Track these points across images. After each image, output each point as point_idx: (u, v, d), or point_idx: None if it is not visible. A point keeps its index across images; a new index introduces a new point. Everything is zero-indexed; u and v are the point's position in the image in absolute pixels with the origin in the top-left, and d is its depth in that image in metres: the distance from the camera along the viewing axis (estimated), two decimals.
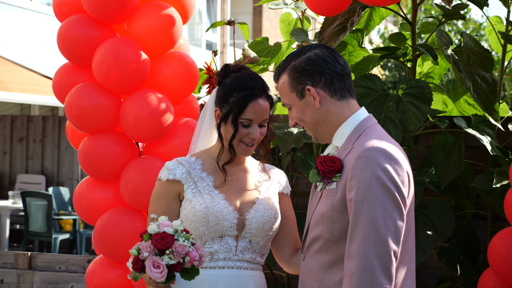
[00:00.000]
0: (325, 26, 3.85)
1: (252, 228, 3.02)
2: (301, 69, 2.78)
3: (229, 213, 2.99)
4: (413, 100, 3.54)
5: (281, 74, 2.85)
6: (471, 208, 3.97)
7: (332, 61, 2.78)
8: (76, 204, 3.87)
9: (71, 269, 4.74)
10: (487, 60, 3.74)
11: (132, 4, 3.71)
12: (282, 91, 2.85)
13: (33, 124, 13.84)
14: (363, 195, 2.56)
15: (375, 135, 2.70)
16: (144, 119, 3.65)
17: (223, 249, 3.00)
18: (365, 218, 2.54)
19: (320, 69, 2.76)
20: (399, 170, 2.60)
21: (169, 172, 3.05)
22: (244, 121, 3.00)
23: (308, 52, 2.80)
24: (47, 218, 11.13)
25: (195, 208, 2.98)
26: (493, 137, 3.69)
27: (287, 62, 2.83)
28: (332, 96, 2.76)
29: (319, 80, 2.75)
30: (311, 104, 2.76)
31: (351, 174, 2.62)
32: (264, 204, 3.08)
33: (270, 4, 4.19)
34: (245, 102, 2.99)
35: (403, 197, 2.59)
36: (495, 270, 3.46)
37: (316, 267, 2.75)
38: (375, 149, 2.61)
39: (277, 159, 4.33)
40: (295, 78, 2.78)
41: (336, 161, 2.71)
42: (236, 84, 3.03)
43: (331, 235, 2.69)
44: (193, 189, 3.03)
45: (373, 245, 2.52)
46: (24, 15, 15.05)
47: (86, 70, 3.80)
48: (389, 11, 3.98)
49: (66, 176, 13.57)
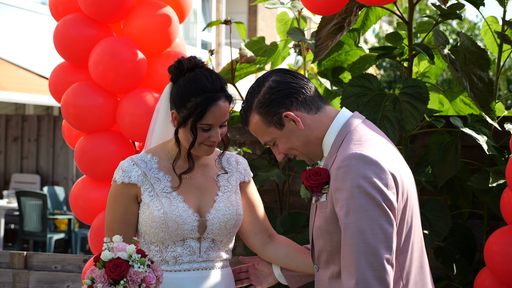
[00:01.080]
0: (322, 26, 3.85)
1: (214, 228, 2.94)
2: (268, 101, 2.67)
3: (188, 216, 2.89)
4: (410, 100, 3.54)
5: (249, 116, 2.73)
6: (467, 207, 3.97)
7: (292, 80, 2.69)
8: (73, 203, 3.86)
9: (67, 268, 4.73)
10: (484, 59, 3.75)
11: (129, 3, 3.70)
12: (258, 131, 2.74)
13: (28, 123, 13.81)
14: (346, 206, 2.49)
15: (355, 139, 2.61)
16: (141, 118, 3.65)
17: (187, 252, 2.92)
18: (352, 229, 2.47)
19: (287, 93, 2.67)
20: (381, 174, 2.50)
21: (124, 174, 2.92)
22: (204, 126, 2.86)
23: (265, 82, 2.70)
24: (42, 218, 11.12)
25: (153, 214, 2.87)
26: (489, 136, 3.70)
27: (249, 101, 2.72)
28: (309, 112, 2.67)
29: (291, 103, 2.66)
30: (294, 129, 2.67)
31: (334, 187, 2.55)
32: (225, 202, 2.98)
33: (267, 3, 4.19)
34: (205, 108, 2.83)
35: (388, 201, 2.50)
36: (491, 269, 3.47)
37: (327, 277, 2.70)
38: (353, 156, 2.52)
39: (274, 158, 4.34)
40: (266, 112, 2.67)
41: (321, 172, 2.63)
42: (193, 88, 2.86)
43: (332, 247, 2.63)
44: (150, 192, 2.91)
45: (364, 257, 2.45)
46: (19, 14, 15.02)
47: (83, 70, 3.80)
48: (386, 11, 3.99)
49: (61, 176, 13.55)
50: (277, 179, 3.97)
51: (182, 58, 2.94)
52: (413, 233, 2.66)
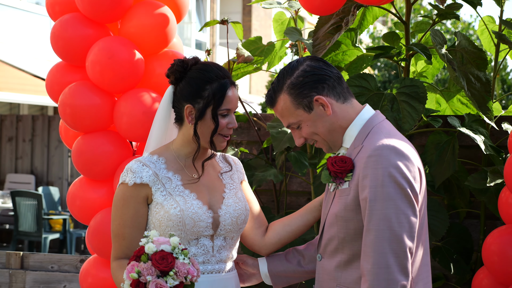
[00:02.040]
0: (320, 26, 3.84)
1: (227, 224, 2.97)
2: (301, 83, 2.75)
3: (203, 213, 2.92)
4: (408, 99, 3.55)
5: (278, 96, 2.80)
6: (464, 207, 3.98)
7: (326, 67, 2.77)
8: (70, 203, 3.85)
9: (64, 268, 4.72)
10: (481, 59, 3.75)
11: (126, 3, 3.69)
12: (284, 112, 2.80)
13: (22, 123, 13.80)
14: (375, 193, 2.58)
15: (384, 132, 2.71)
16: (138, 118, 3.64)
17: (201, 252, 2.94)
18: (379, 216, 2.56)
19: (320, 78, 2.75)
20: (410, 167, 2.61)
21: (134, 175, 2.90)
22: (223, 111, 2.91)
23: (299, 66, 2.78)
24: (37, 218, 11.10)
25: (169, 212, 2.86)
26: (487, 136, 3.71)
27: (281, 82, 2.79)
28: (337, 101, 2.76)
29: (323, 88, 2.74)
30: (322, 114, 2.75)
31: (363, 174, 2.63)
32: (233, 198, 3.03)
33: (264, 3, 4.19)
34: (223, 93, 2.89)
35: (415, 193, 2.61)
36: (489, 269, 3.47)
37: (333, 266, 2.77)
38: (386, 146, 2.62)
39: (271, 158, 4.33)
40: (298, 94, 2.75)
41: (347, 161, 2.72)
42: (206, 76, 2.91)
43: (346, 235, 2.71)
44: (162, 192, 2.90)
45: (388, 243, 2.54)
46: (13, 14, 14.99)
47: (80, 69, 3.79)
48: (383, 11, 3.99)
49: (56, 176, 13.53)
50: (274, 179, 3.97)
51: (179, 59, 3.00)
52: (425, 229, 2.76)
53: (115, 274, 2.91)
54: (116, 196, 2.95)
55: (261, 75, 25.67)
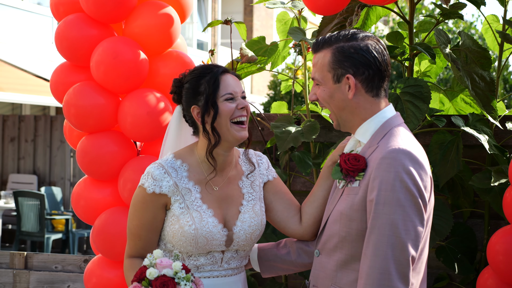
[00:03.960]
0: (324, 25, 3.85)
1: (241, 240, 2.96)
2: (349, 54, 2.67)
3: (218, 232, 2.90)
4: (412, 99, 3.54)
5: (324, 48, 2.72)
6: (468, 207, 3.98)
7: (381, 58, 2.69)
8: (74, 203, 3.86)
9: (67, 269, 4.72)
10: (485, 58, 3.75)
11: (130, 3, 3.70)
12: (317, 66, 2.73)
13: (25, 123, 13.80)
14: (384, 197, 2.51)
15: (401, 135, 2.65)
16: (143, 118, 3.64)
17: (209, 262, 2.94)
18: (385, 221, 2.50)
19: (367, 62, 2.67)
20: (423, 175, 2.56)
21: (154, 183, 2.89)
22: (226, 96, 2.90)
23: (360, 40, 2.68)
24: (39, 218, 11.11)
25: (183, 228, 2.86)
26: (491, 135, 3.70)
27: (335, 39, 2.71)
28: (367, 92, 2.70)
29: (362, 73, 2.67)
30: (344, 92, 2.69)
31: (374, 175, 2.57)
32: (250, 212, 2.99)
33: (268, 3, 4.19)
34: (217, 78, 2.90)
35: (425, 202, 2.54)
36: (494, 269, 3.47)
37: (330, 264, 2.72)
38: (401, 151, 2.56)
39: (275, 158, 4.33)
40: (338, 60, 2.68)
41: (360, 159, 2.67)
42: (198, 74, 2.94)
43: (348, 234, 2.65)
44: (180, 204, 2.90)
45: (391, 249, 2.48)
46: (15, 14, 15.00)
47: (84, 70, 3.80)
48: (386, 10, 3.99)
49: (58, 176, 13.54)
50: None
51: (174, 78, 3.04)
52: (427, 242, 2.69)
53: (126, 272, 2.95)
54: (136, 197, 2.94)
55: (262, 75, 25.66)
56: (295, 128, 3.95)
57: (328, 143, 4.20)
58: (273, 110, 4.70)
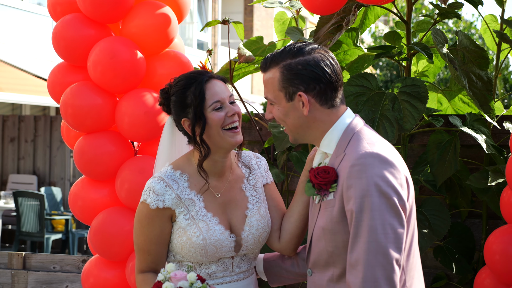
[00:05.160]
0: (321, 25, 3.84)
1: (249, 244, 2.95)
2: (297, 71, 2.62)
3: (226, 238, 2.88)
4: (409, 99, 3.54)
5: (271, 68, 2.68)
6: (466, 207, 3.98)
7: (330, 70, 2.64)
8: (72, 203, 3.86)
9: (66, 269, 4.72)
10: (482, 58, 3.74)
11: (127, 3, 3.70)
12: (268, 86, 2.69)
13: (25, 124, 13.81)
14: (360, 204, 2.47)
15: (366, 138, 2.60)
16: (140, 118, 3.64)
17: (221, 269, 2.92)
18: (365, 228, 2.46)
19: (317, 77, 2.62)
20: (396, 174, 2.51)
21: (157, 198, 2.84)
22: (213, 105, 2.83)
23: (307, 55, 2.64)
24: (39, 218, 11.11)
25: (191, 240, 2.84)
26: (488, 135, 3.70)
27: (281, 57, 2.66)
28: (322, 105, 2.64)
29: (313, 88, 2.62)
30: (298, 109, 2.64)
31: (347, 184, 2.52)
32: (256, 215, 2.97)
33: (265, 2, 4.19)
34: (201, 88, 2.82)
35: (402, 201, 2.50)
36: (491, 268, 3.47)
37: (325, 281, 2.67)
38: (369, 154, 2.51)
39: (272, 158, 4.33)
40: (288, 79, 2.63)
41: (330, 171, 2.61)
42: (184, 86, 2.87)
43: (335, 248, 2.61)
44: (185, 215, 2.86)
45: (374, 255, 2.44)
46: (14, 14, 15.01)
47: (82, 70, 3.79)
48: (384, 10, 3.99)
49: (58, 176, 13.54)
50: (275, 178, 3.97)
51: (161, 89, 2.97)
52: (415, 235, 2.66)
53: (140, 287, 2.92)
54: (141, 213, 2.89)
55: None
56: None
57: None
58: None
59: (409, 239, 2.60)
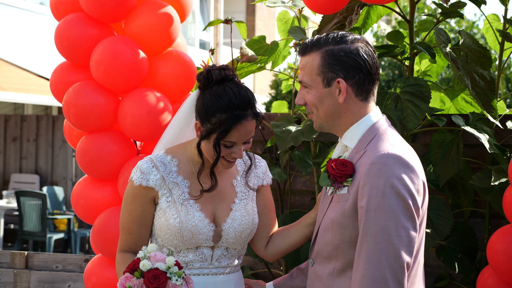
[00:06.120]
0: (323, 25, 3.84)
1: (229, 238, 2.94)
2: (339, 58, 2.60)
3: (204, 226, 2.88)
4: (412, 98, 3.54)
5: (313, 51, 2.65)
6: (469, 206, 3.97)
7: (371, 61, 2.63)
8: (74, 203, 3.86)
9: (68, 268, 4.73)
10: (485, 58, 3.74)
11: (130, 2, 3.70)
12: (306, 69, 2.66)
13: (27, 123, 13.81)
14: (375, 203, 2.46)
15: (390, 139, 2.59)
16: (142, 118, 3.64)
17: (198, 259, 2.92)
18: (377, 227, 2.44)
19: (357, 66, 2.60)
20: (414, 179, 2.50)
21: (142, 176, 2.88)
22: (227, 143, 2.81)
23: (350, 43, 2.62)
24: (41, 218, 11.12)
25: (168, 221, 2.85)
26: (491, 135, 3.70)
27: (324, 42, 2.63)
28: (356, 96, 2.63)
29: (353, 77, 2.60)
30: (334, 96, 2.62)
31: (364, 181, 2.51)
32: (241, 210, 2.97)
33: (268, 2, 4.19)
34: (229, 127, 2.76)
35: (417, 206, 2.49)
36: (494, 268, 3.47)
37: (326, 273, 2.66)
38: (390, 155, 2.50)
39: (275, 157, 4.33)
40: (328, 64, 2.61)
41: (348, 165, 2.60)
42: (219, 103, 2.77)
43: (341, 242, 2.60)
44: (167, 198, 2.88)
45: (385, 256, 2.43)
46: (17, 14, 15.01)
47: (84, 69, 3.80)
48: (387, 9, 3.99)
49: (60, 176, 13.55)
50: (278, 178, 3.97)
51: (212, 67, 2.85)
52: (422, 243, 2.65)
53: (118, 266, 2.96)
54: (126, 192, 2.95)
55: (265, 74, 25.68)
56: (295, 127, 3.94)
57: (329, 142, 4.20)
58: (273, 110, 4.70)
59: (417, 246, 2.58)
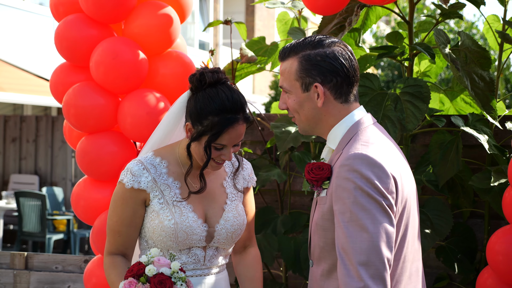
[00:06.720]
0: (323, 26, 3.85)
1: (221, 238, 2.96)
2: (315, 62, 2.61)
3: (198, 226, 2.89)
4: (411, 99, 3.55)
5: (290, 56, 2.67)
6: (468, 207, 3.98)
7: (348, 64, 2.63)
8: (74, 204, 3.86)
9: (68, 269, 4.72)
10: (484, 58, 3.75)
11: (130, 3, 3.70)
12: (285, 74, 2.68)
13: (26, 124, 13.81)
14: (349, 205, 2.45)
15: (364, 138, 2.59)
16: (142, 118, 3.64)
17: (191, 261, 2.93)
18: (355, 228, 2.44)
19: (334, 70, 2.61)
20: (383, 177, 2.47)
21: (133, 178, 2.87)
22: (217, 145, 2.82)
23: (326, 47, 2.63)
24: (41, 219, 11.12)
25: (163, 223, 2.86)
26: (491, 135, 3.71)
27: (301, 47, 2.65)
28: (336, 99, 2.63)
29: (330, 81, 2.61)
30: (313, 101, 2.63)
31: (336, 184, 2.52)
32: (233, 212, 2.99)
33: (268, 3, 4.19)
34: (221, 130, 2.78)
35: (389, 203, 2.47)
36: (493, 268, 3.47)
37: (318, 275, 2.67)
38: (358, 156, 2.49)
39: (274, 158, 4.34)
40: (306, 69, 2.62)
41: (324, 167, 2.61)
42: (211, 106, 2.79)
43: (325, 244, 2.60)
44: (160, 199, 2.89)
45: (365, 255, 2.42)
46: (16, 15, 15.01)
47: (84, 70, 3.80)
48: (386, 10, 3.99)
49: (60, 176, 13.55)
50: (278, 179, 3.98)
51: (205, 69, 2.86)
52: (406, 243, 2.62)
53: (107, 270, 2.93)
54: (116, 194, 2.93)
55: (264, 75, 25.67)
56: (295, 128, 3.95)
57: None
58: (273, 110, 4.70)
59: (399, 242, 2.57)
